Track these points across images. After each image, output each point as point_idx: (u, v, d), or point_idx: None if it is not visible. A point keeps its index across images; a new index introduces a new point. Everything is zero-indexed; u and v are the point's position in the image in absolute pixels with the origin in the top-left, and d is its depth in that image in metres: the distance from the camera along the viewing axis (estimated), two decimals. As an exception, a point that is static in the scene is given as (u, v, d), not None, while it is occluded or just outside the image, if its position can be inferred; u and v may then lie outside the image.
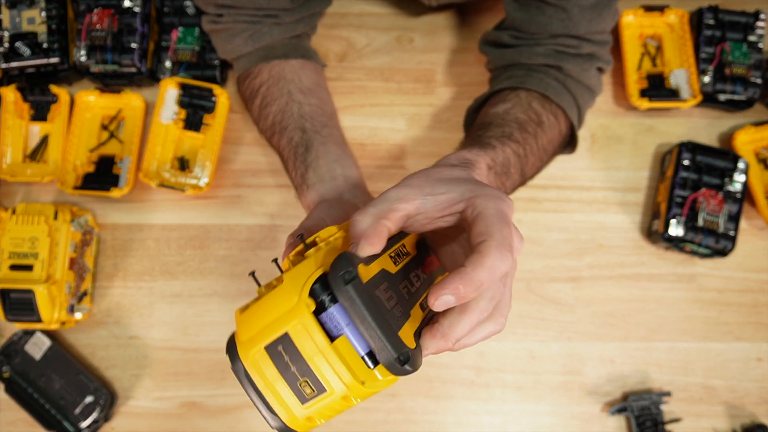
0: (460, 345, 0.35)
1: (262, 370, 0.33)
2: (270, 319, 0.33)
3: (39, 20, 0.72)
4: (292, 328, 0.32)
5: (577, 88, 0.60)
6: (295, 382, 0.32)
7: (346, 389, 0.32)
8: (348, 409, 0.34)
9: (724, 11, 0.74)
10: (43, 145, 0.72)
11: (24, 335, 0.66)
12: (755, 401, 0.69)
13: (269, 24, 0.63)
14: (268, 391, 0.33)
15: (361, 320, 0.31)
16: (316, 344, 0.32)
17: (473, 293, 0.32)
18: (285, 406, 0.33)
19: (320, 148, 0.58)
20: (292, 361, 0.32)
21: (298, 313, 0.32)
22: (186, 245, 0.71)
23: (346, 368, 0.32)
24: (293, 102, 0.61)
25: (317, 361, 0.32)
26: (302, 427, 0.34)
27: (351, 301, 0.31)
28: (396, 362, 0.31)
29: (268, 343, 0.33)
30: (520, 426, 0.68)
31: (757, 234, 0.72)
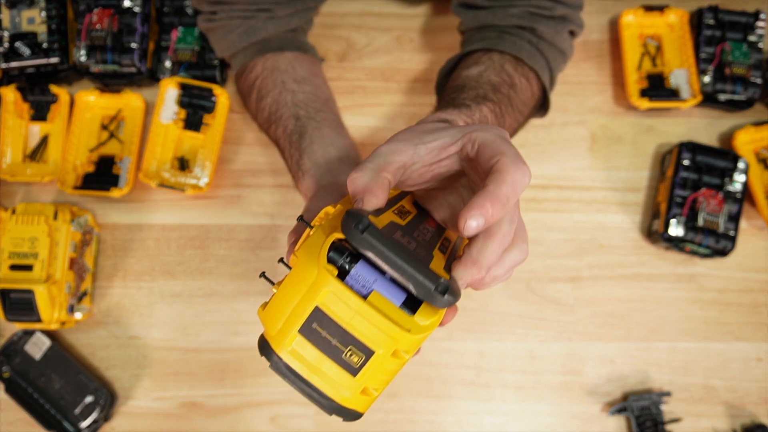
0: (491, 277, 0.34)
1: (301, 356, 0.31)
2: (295, 301, 0.31)
3: (39, 20, 0.72)
4: (321, 299, 0.31)
5: (550, 51, 0.60)
6: (340, 355, 0.31)
7: (394, 343, 0.30)
8: (400, 369, 0.32)
9: (724, 11, 0.74)
10: (43, 145, 0.72)
11: (24, 335, 0.66)
12: (755, 401, 0.69)
13: (263, 18, 0.63)
14: (315, 375, 0.31)
15: (389, 263, 0.30)
16: (351, 307, 0.30)
17: (500, 211, 0.31)
18: (336, 385, 0.31)
19: (314, 133, 0.58)
20: (330, 334, 0.31)
21: (322, 282, 0.31)
22: (186, 245, 0.71)
23: (388, 320, 0.30)
24: (287, 91, 0.61)
25: (357, 323, 0.30)
26: (360, 403, 0.32)
27: (373, 247, 0.30)
28: (437, 294, 0.30)
29: (301, 325, 0.31)
30: (520, 426, 0.68)
31: (757, 234, 0.72)
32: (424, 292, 0.30)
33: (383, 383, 0.32)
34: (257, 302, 0.70)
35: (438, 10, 0.78)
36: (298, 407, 0.68)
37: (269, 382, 0.68)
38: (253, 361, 0.69)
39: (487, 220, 0.31)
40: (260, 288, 0.70)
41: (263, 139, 0.74)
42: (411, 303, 0.31)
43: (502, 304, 0.70)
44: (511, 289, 0.71)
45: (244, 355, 0.69)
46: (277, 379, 0.68)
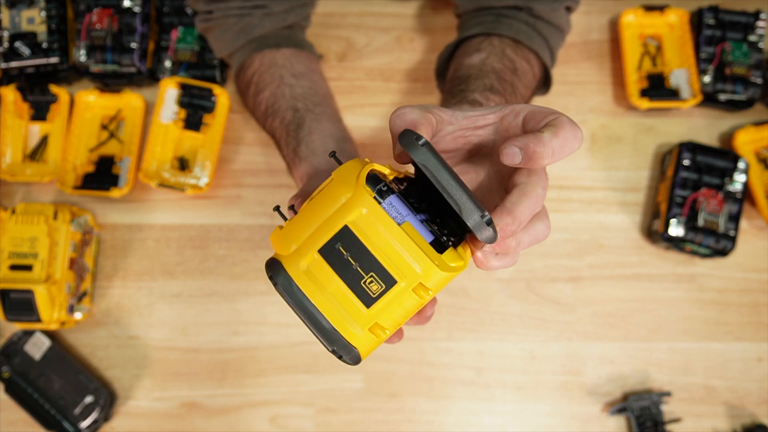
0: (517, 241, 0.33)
1: (315, 278, 0.29)
2: (321, 219, 0.29)
3: (39, 20, 0.72)
4: (353, 218, 0.28)
5: (548, 30, 0.61)
6: (359, 281, 0.28)
7: (419, 276, 0.28)
8: (414, 312, 0.30)
9: (724, 11, 0.74)
10: (43, 145, 0.72)
11: (24, 335, 0.66)
12: (756, 401, 0.68)
13: (259, 15, 0.63)
14: (325, 301, 0.29)
15: (442, 177, 0.28)
16: (383, 231, 0.28)
17: (540, 159, 0.31)
18: (345, 315, 0.29)
19: (313, 125, 0.58)
20: (353, 257, 0.28)
21: (358, 200, 0.28)
22: (186, 245, 0.71)
23: (420, 249, 0.28)
24: (285, 85, 0.61)
25: (386, 249, 0.28)
26: (365, 342, 0.29)
27: (431, 159, 0.28)
28: (483, 222, 0.28)
29: (323, 245, 0.28)
30: (520, 426, 0.68)
31: (758, 234, 0.72)
32: (472, 215, 0.28)
33: (394, 324, 0.30)
34: (257, 302, 0.70)
35: (437, 10, 0.78)
36: (298, 407, 0.68)
37: (269, 382, 0.68)
38: (253, 361, 0.69)
39: (525, 159, 0.31)
40: (260, 288, 0.70)
41: (263, 139, 0.74)
42: (437, 246, 0.30)
43: (502, 304, 0.70)
44: (511, 289, 0.71)
45: (244, 355, 0.69)
46: (277, 379, 0.68)
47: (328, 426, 0.68)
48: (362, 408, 0.68)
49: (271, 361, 0.69)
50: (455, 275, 0.30)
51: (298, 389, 0.68)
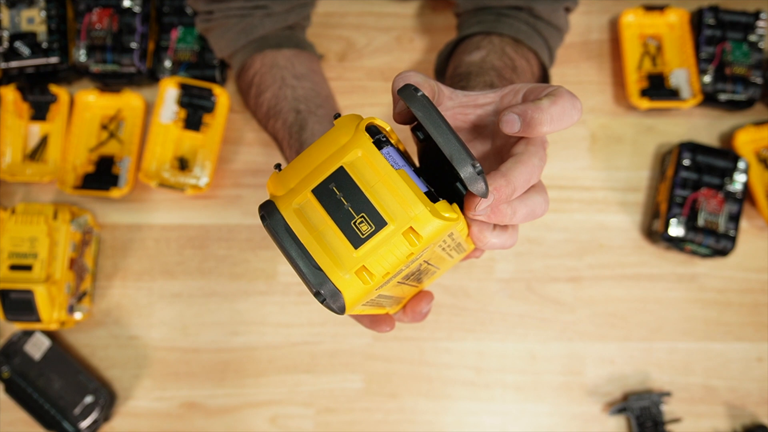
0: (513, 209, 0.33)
1: (306, 218, 0.28)
2: (318, 161, 0.29)
3: (38, 20, 0.72)
4: (349, 159, 0.28)
5: (547, 30, 0.61)
6: (349, 221, 0.28)
7: (410, 219, 0.28)
8: (404, 263, 0.29)
9: (724, 11, 0.73)
10: (43, 144, 0.72)
11: (23, 335, 0.66)
12: (756, 401, 0.68)
13: (260, 16, 0.63)
14: (313, 240, 0.28)
15: (437, 125, 0.28)
16: (378, 172, 0.28)
17: (538, 126, 0.31)
18: (333, 257, 0.28)
19: (316, 127, 0.58)
20: (346, 197, 0.28)
21: (357, 142, 0.28)
22: (186, 245, 0.71)
23: (412, 192, 0.28)
24: (286, 87, 0.61)
25: (379, 190, 0.28)
26: (351, 287, 0.28)
27: (427, 108, 0.28)
28: (475, 171, 0.28)
29: (317, 185, 0.28)
30: (520, 426, 0.68)
31: (758, 234, 0.72)
32: (464, 164, 0.28)
33: (383, 271, 0.29)
34: (257, 302, 0.70)
35: (437, 10, 0.78)
36: (298, 407, 0.68)
37: (269, 382, 0.68)
38: (253, 361, 0.69)
39: (523, 125, 0.31)
40: (260, 288, 0.70)
41: (263, 139, 0.74)
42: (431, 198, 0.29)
43: (502, 304, 0.70)
44: (511, 289, 0.71)
45: (244, 355, 0.69)
46: (276, 379, 0.68)
47: (328, 426, 0.68)
48: (362, 408, 0.68)
49: (271, 361, 0.69)
50: (447, 227, 0.29)
51: (298, 389, 0.68)
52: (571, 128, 0.75)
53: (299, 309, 0.70)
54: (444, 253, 0.34)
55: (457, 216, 0.29)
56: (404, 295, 0.39)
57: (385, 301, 0.36)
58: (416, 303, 0.41)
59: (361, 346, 0.69)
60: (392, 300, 0.37)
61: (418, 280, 0.37)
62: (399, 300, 0.39)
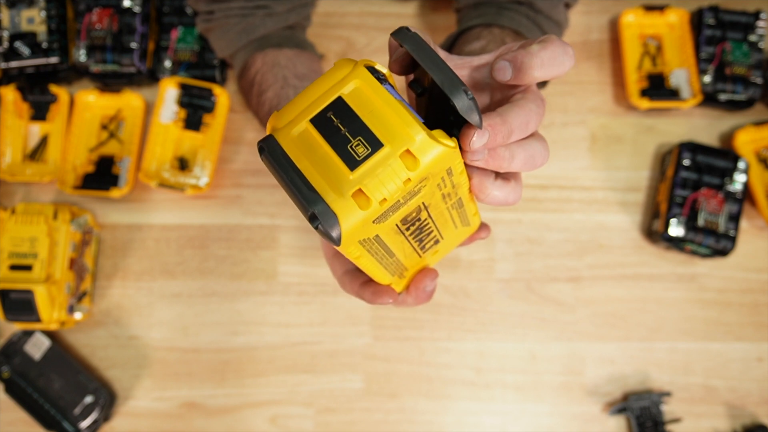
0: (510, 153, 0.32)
1: (304, 144, 0.28)
2: (317, 95, 0.29)
3: (38, 20, 0.72)
4: (347, 89, 0.28)
5: (547, 24, 0.61)
6: (345, 145, 0.28)
7: (406, 140, 0.27)
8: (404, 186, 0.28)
9: (724, 11, 0.73)
10: (43, 144, 0.72)
11: (23, 335, 0.66)
12: (756, 401, 0.68)
13: (261, 15, 0.63)
14: (310, 166, 0.28)
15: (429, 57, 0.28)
16: (377, 98, 0.28)
17: (530, 70, 0.31)
18: (329, 181, 0.28)
19: None
20: (343, 123, 0.28)
21: (355, 74, 0.28)
22: (186, 245, 0.71)
23: (410, 114, 0.28)
24: (288, 86, 0.61)
25: (376, 116, 0.28)
26: (346, 210, 0.28)
27: (420, 42, 0.28)
28: (467, 99, 0.28)
29: (315, 114, 0.28)
30: (520, 426, 0.68)
31: (758, 234, 0.72)
32: (458, 92, 0.28)
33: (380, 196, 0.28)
34: (257, 302, 0.70)
35: (437, 10, 0.78)
36: (298, 407, 0.68)
37: (269, 382, 0.68)
38: (253, 361, 0.69)
39: (514, 72, 0.31)
40: (260, 288, 0.70)
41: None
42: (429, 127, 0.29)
43: (502, 304, 0.70)
44: (511, 289, 0.71)
45: (244, 355, 0.69)
46: (276, 379, 0.68)
47: (328, 426, 0.68)
48: (362, 408, 0.68)
49: (271, 361, 0.69)
50: (445, 154, 0.28)
51: (298, 389, 0.68)
52: (571, 128, 0.75)
53: (299, 309, 0.70)
54: (444, 204, 0.34)
55: (455, 145, 0.29)
56: (406, 263, 0.38)
57: (385, 259, 0.35)
58: (420, 280, 0.40)
59: (361, 346, 0.69)
60: (393, 262, 0.36)
61: (419, 239, 0.36)
62: (401, 268, 0.38)
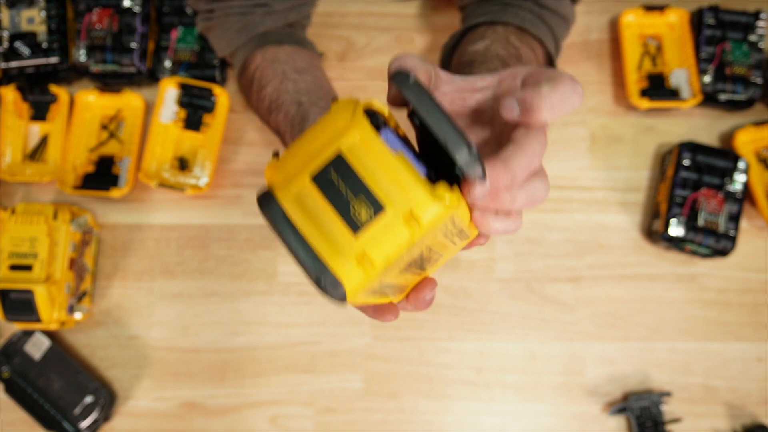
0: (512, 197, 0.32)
1: (305, 205, 0.28)
2: (316, 146, 0.28)
3: (38, 20, 0.72)
4: (347, 145, 0.28)
5: (553, 19, 0.60)
6: (347, 208, 0.27)
7: (408, 202, 0.27)
8: (405, 250, 0.28)
9: (724, 11, 0.73)
10: (43, 144, 0.72)
11: (23, 335, 0.66)
12: (756, 401, 0.68)
13: (261, 14, 0.63)
14: (313, 228, 0.28)
15: (432, 112, 0.27)
16: (376, 157, 0.27)
17: (538, 112, 0.31)
18: (332, 243, 0.28)
19: (318, 118, 0.57)
20: (344, 183, 0.27)
21: (354, 127, 0.28)
22: (186, 245, 0.71)
23: (411, 176, 0.27)
24: (288, 80, 0.61)
25: (377, 175, 0.27)
26: (351, 275, 0.28)
27: (421, 94, 0.27)
28: (469, 155, 0.27)
29: (315, 171, 0.28)
30: (520, 426, 0.68)
31: (758, 234, 0.72)
32: (460, 149, 0.27)
33: (384, 259, 0.28)
34: (257, 302, 0.70)
35: (437, 10, 0.78)
36: (298, 407, 0.68)
37: (269, 382, 0.68)
38: (253, 361, 0.69)
39: (523, 113, 0.31)
40: (260, 288, 0.70)
41: (263, 139, 0.74)
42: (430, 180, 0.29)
43: (502, 304, 0.70)
44: (511, 289, 0.71)
45: (244, 355, 0.69)
46: (276, 379, 0.68)
47: (328, 426, 0.68)
48: (362, 408, 0.68)
49: (271, 361, 0.69)
50: (447, 212, 0.28)
51: (298, 389, 0.68)
52: (571, 128, 0.75)
53: (299, 309, 0.70)
54: (447, 239, 0.34)
55: (457, 200, 0.29)
56: (408, 283, 0.39)
57: (389, 289, 0.35)
58: (419, 290, 0.40)
59: (361, 346, 0.69)
60: (396, 288, 0.37)
61: (421, 267, 0.36)
62: (403, 288, 0.39)
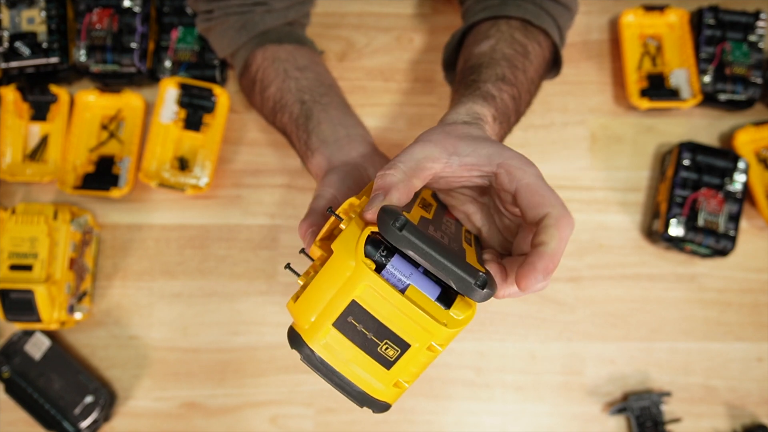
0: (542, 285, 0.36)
1: (335, 349, 0.32)
2: (330, 293, 0.32)
3: (39, 20, 0.72)
4: (358, 293, 0.31)
5: (556, 9, 0.60)
6: (375, 348, 0.31)
7: (430, 336, 0.31)
8: (431, 361, 0.33)
9: (724, 11, 0.73)
10: (43, 145, 0.72)
11: (24, 335, 0.66)
12: (756, 401, 0.68)
13: (260, 12, 0.63)
14: (348, 368, 0.32)
15: (429, 260, 0.30)
16: (389, 301, 0.31)
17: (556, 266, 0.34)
18: (369, 378, 0.32)
19: (321, 115, 0.58)
20: (366, 328, 0.31)
21: (361, 276, 0.31)
22: (186, 245, 0.71)
23: (426, 314, 0.31)
24: (290, 79, 0.61)
25: (394, 318, 0.31)
26: (391, 395, 0.33)
27: (413, 245, 0.30)
28: (476, 288, 0.30)
29: (336, 319, 0.31)
30: (520, 426, 0.68)
31: (758, 234, 0.72)
32: (465, 287, 0.31)
33: (414, 376, 0.33)
34: (257, 302, 0.70)
35: (437, 10, 0.78)
36: (298, 407, 0.68)
37: (269, 382, 0.68)
38: (253, 361, 0.69)
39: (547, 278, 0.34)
40: (260, 288, 0.70)
41: (263, 139, 0.74)
42: (445, 297, 0.32)
43: (502, 304, 0.70)
44: (511, 289, 0.71)
45: (244, 355, 0.69)
46: (277, 379, 0.68)
47: (328, 426, 0.68)
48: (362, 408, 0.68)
49: (271, 361, 0.69)
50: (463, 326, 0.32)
51: (298, 389, 0.68)
52: (571, 128, 0.75)
53: (299, 309, 0.70)
54: None
55: (473, 309, 0.32)
56: None
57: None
58: None
59: (361, 346, 0.69)
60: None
61: None
62: None
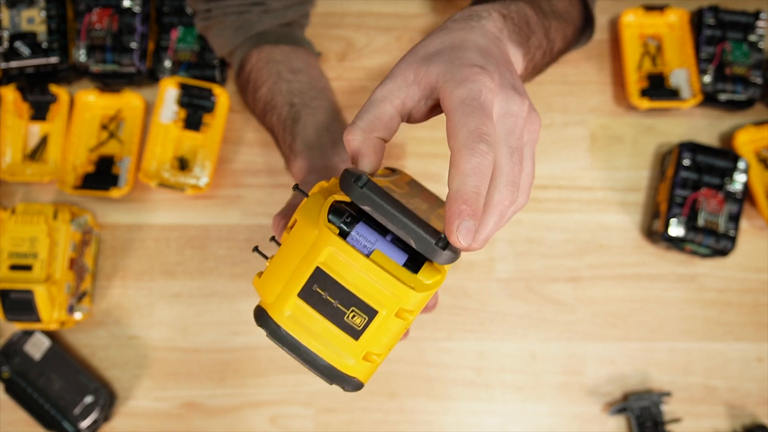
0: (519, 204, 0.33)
1: (301, 321, 0.30)
2: (294, 263, 0.30)
3: (38, 20, 0.72)
4: (322, 259, 0.29)
5: None
6: (342, 317, 0.30)
7: (398, 301, 0.29)
8: (402, 332, 0.31)
9: (724, 11, 0.73)
10: (43, 144, 0.72)
11: (23, 335, 0.66)
12: (756, 401, 0.68)
13: (258, 12, 0.63)
14: (315, 341, 0.30)
15: (388, 217, 0.29)
16: (354, 265, 0.29)
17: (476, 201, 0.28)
18: (338, 351, 0.30)
19: (308, 119, 0.57)
20: (332, 296, 0.30)
21: (324, 241, 0.29)
22: (186, 245, 0.71)
23: (392, 277, 0.29)
24: (282, 81, 0.61)
25: (360, 283, 0.29)
26: (362, 371, 0.31)
27: (372, 201, 0.29)
28: (437, 248, 0.29)
29: (300, 288, 0.30)
30: (520, 426, 0.68)
31: (758, 234, 0.72)
32: (425, 246, 0.29)
33: (386, 348, 0.31)
34: (257, 302, 0.70)
35: (438, 10, 0.78)
36: (298, 407, 0.68)
37: (269, 382, 0.68)
38: (253, 361, 0.69)
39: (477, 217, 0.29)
40: (260, 288, 0.70)
41: (263, 139, 0.74)
42: (413, 264, 0.30)
43: (502, 304, 0.70)
44: (511, 289, 0.71)
45: (244, 355, 0.69)
46: (276, 379, 0.68)
47: (328, 426, 0.68)
48: (362, 408, 0.68)
49: (271, 361, 0.69)
50: (433, 291, 0.30)
51: (298, 389, 0.68)
52: (571, 128, 0.75)
53: (299, 309, 0.70)
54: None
55: (441, 274, 0.31)
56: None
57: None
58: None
59: (361, 346, 0.69)
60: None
61: None
62: None
